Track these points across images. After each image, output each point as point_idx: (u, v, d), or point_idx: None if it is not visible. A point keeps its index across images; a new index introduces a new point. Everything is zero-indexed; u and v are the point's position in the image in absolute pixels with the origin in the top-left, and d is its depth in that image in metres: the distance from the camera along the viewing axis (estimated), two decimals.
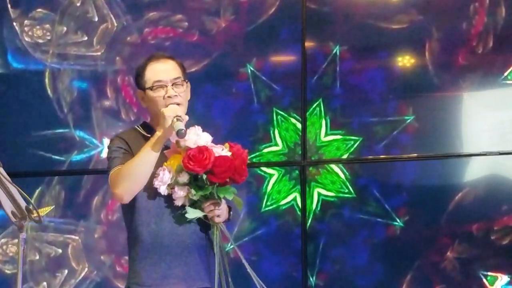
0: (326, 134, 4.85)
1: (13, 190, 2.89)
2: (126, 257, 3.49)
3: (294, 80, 4.93)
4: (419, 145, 4.76)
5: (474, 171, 4.70)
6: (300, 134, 4.89)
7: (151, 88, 3.40)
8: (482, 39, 4.70)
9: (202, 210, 3.27)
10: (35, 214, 2.93)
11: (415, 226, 4.75)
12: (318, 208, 4.84)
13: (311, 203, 4.84)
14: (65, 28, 5.32)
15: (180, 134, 3.18)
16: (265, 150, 4.95)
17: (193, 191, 3.22)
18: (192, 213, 3.25)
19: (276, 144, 4.92)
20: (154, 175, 3.29)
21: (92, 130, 5.25)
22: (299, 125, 4.90)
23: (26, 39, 5.37)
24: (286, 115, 4.93)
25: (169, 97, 3.39)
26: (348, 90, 4.90)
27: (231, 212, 3.40)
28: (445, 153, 4.70)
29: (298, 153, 4.88)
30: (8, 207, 2.89)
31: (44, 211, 3.04)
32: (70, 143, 5.24)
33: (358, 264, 4.82)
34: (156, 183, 3.28)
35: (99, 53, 5.27)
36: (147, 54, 4.93)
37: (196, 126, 3.29)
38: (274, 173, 4.91)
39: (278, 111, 4.94)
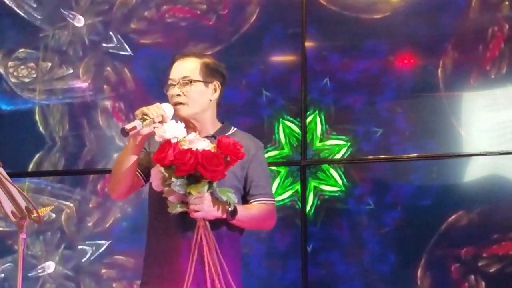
0: (325, 138, 4.82)
1: (13, 190, 2.89)
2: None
3: (293, 81, 4.91)
4: (419, 145, 4.71)
5: (474, 171, 4.65)
6: (298, 135, 4.87)
7: (165, 87, 3.43)
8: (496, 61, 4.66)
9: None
10: (35, 214, 2.92)
11: (413, 230, 4.69)
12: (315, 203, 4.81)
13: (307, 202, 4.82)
14: (49, 64, 5.33)
15: (122, 132, 3.20)
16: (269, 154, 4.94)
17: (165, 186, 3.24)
18: (173, 208, 3.25)
19: (280, 143, 4.90)
20: None
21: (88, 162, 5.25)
22: (296, 127, 4.88)
23: (12, 80, 5.39)
24: (285, 118, 4.92)
25: (172, 95, 3.40)
26: (347, 92, 4.87)
27: (231, 210, 3.32)
28: (445, 153, 4.66)
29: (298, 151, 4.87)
30: (8, 207, 2.87)
31: (43, 211, 3.03)
32: None
33: (353, 265, 4.76)
34: (151, 180, 3.31)
35: (86, 84, 5.28)
36: (161, 31, 5.12)
37: (171, 121, 3.28)
38: (280, 171, 4.89)
39: (280, 115, 4.93)
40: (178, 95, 3.38)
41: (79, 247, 5.19)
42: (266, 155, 4.87)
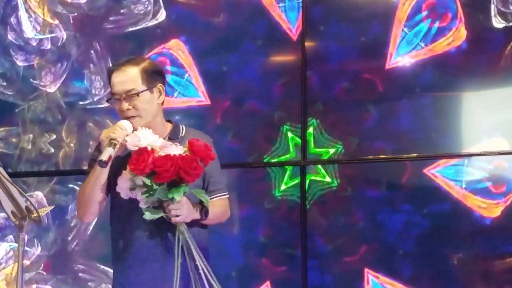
0: (322, 144, 4.81)
1: (13, 190, 2.88)
2: None
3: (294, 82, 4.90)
4: (419, 145, 4.68)
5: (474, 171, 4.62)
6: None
7: (111, 101, 3.43)
8: None
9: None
10: (35, 214, 2.93)
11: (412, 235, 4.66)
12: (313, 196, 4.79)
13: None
14: (31, 136, 5.33)
15: (100, 164, 3.22)
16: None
17: (140, 193, 3.22)
18: (149, 215, 3.24)
19: (286, 137, 4.89)
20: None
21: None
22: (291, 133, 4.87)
23: None
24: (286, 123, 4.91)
25: (122, 111, 3.38)
26: (347, 93, 4.85)
27: (205, 210, 3.36)
28: (445, 153, 4.63)
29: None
30: (8, 207, 2.86)
31: (43, 211, 3.01)
32: None
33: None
34: (117, 189, 3.29)
35: (72, 145, 5.26)
36: None
37: (143, 128, 3.28)
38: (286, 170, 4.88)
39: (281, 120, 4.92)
40: (128, 109, 3.36)
41: (70, 185, 5.16)
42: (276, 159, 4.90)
